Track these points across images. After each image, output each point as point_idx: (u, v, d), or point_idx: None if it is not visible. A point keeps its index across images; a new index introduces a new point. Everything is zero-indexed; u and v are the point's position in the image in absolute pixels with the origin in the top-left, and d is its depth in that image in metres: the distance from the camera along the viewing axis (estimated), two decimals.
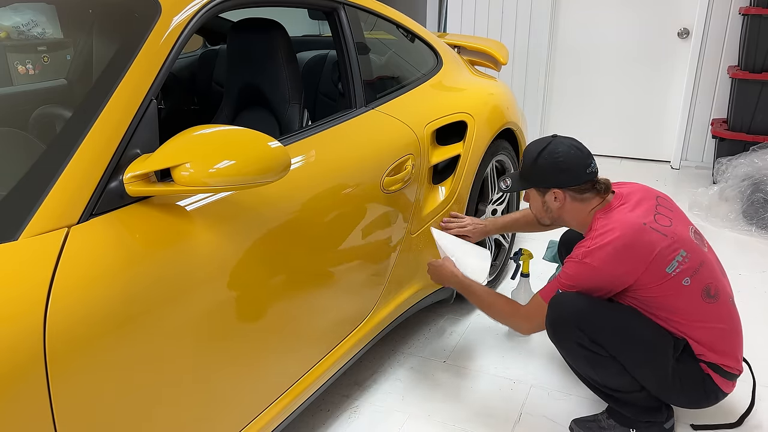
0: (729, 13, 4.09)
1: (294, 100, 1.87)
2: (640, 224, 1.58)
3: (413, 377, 2.10)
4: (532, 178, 1.74)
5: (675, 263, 1.56)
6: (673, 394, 1.66)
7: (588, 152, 1.69)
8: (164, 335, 1.17)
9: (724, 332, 1.63)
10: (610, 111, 4.67)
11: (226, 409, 1.37)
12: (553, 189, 1.70)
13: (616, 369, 1.62)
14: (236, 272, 1.32)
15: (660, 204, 1.69)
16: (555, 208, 1.74)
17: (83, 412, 1.04)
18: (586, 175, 1.67)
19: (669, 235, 1.58)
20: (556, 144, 1.69)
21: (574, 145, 1.69)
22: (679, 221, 1.66)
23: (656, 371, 1.62)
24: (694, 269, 1.58)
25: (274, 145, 1.21)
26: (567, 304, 1.63)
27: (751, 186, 3.33)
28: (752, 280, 2.77)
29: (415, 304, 2.15)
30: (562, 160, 1.66)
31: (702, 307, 1.60)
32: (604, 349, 1.61)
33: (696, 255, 1.60)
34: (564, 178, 1.68)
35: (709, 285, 1.60)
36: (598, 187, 1.69)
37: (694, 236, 1.66)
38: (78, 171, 1.10)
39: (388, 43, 2.38)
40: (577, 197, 1.70)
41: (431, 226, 2.06)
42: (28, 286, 0.97)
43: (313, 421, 1.89)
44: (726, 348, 1.63)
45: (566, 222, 1.78)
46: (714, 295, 1.61)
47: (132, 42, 1.27)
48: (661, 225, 1.60)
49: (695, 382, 1.62)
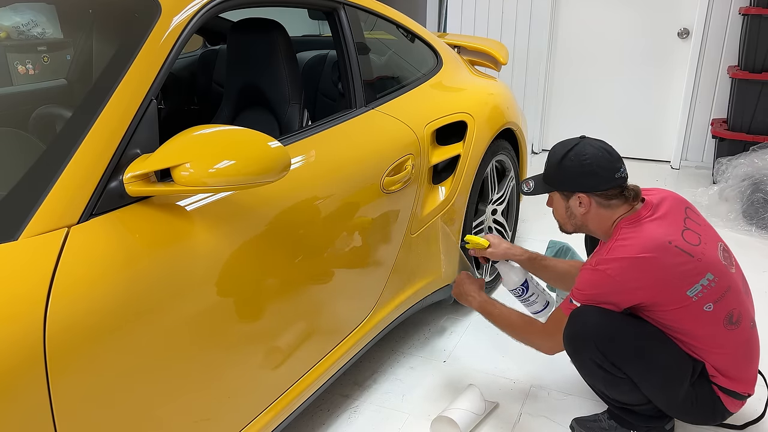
0: (729, 13, 4.09)
1: (294, 100, 1.87)
2: (665, 243, 1.48)
3: (413, 377, 2.10)
4: (557, 181, 1.63)
5: (699, 287, 1.48)
6: (683, 414, 1.64)
7: (618, 156, 1.58)
8: (164, 335, 1.17)
9: (741, 358, 1.58)
10: (610, 111, 4.67)
11: (226, 409, 1.37)
12: (578, 193, 1.59)
13: (628, 387, 1.59)
14: (236, 272, 1.32)
15: (689, 217, 1.60)
16: (579, 215, 1.63)
17: (83, 412, 1.04)
18: (614, 180, 1.55)
19: (696, 255, 1.49)
20: (584, 145, 1.58)
21: (604, 147, 1.58)
22: (709, 238, 1.57)
23: (669, 394, 1.58)
24: (719, 295, 1.50)
25: (274, 145, 1.21)
26: (588, 321, 1.53)
27: (751, 186, 3.33)
28: (752, 280, 2.74)
29: (415, 304, 2.15)
30: (589, 163, 1.55)
31: (722, 334, 1.53)
32: (621, 371, 1.55)
33: (723, 279, 1.51)
34: (590, 182, 1.56)
35: (732, 311, 1.53)
36: (626, 194, 1.57)
37: (723, 255, 1.56)
38: (78, 171, 1.10)
39: (388, 43, 2.38)
40: (603, 203, 1.58)
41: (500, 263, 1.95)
42: (28, 286, 0.97)
43: (313, 421, 1.89)
44: (739, 373, 1.59)
45: (590, 230, 1.67)
46: (736, 321, 1.54)
47: (132, 42, 1.27)
48: (688, 243, 1.50)
49: (705, 404, 1.60)
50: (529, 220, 3.36)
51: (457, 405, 1.83)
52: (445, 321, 2.44)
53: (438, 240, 2.13)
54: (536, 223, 3.30)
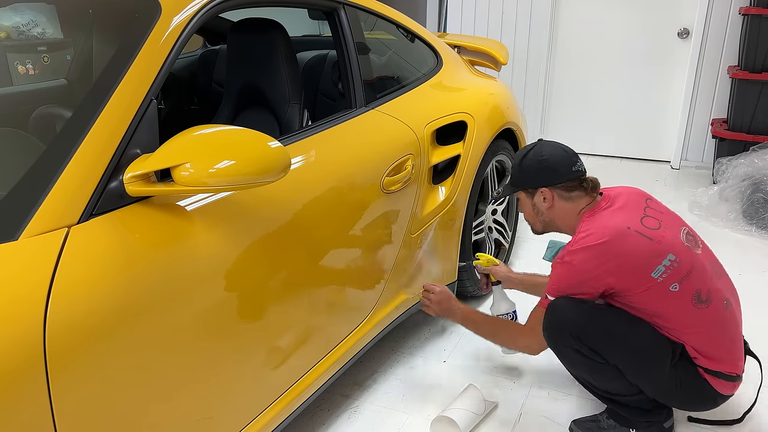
0: (729, 13, 4.09)
1: (294, 100, 1.87)
2: (624, 228, 1.56)
3: (413, 377, 2.10)
4: (520, 180, 1.76)
5: (662, 268, 1.54)
6: (671, 398, 1.66)
7: (573, 152, 1.71)
8: (164, 335, 1.17)
9: (717, 337, 1.60)
10: (610, 111, 4.67)
11: (227, 409, 1.37)
12: (541, 189, 1.71)
13: (613, 374, 1.62)
14: (236, 272, 1.32)
15: (649, 206, 1.67)
16: (545, 209, 1.74)
17: (83, 412, 1.04)
18: (572, 172, 1.67)
19: (655, 239, 1.56)
20: (541, 146, 1.72)
21: (559, 146, 1.72)
22: (670, 223, 1.64)
23: (653, 377, 1.61)
24: (683, 274, 1.55)
25: (274, 145, 1.21)
26: (562, 311, 1.62)
27: (751, 186, 3.33)
28: (752, 280, 2.77)
29: (415, 304, 2.15)
30: (546, 159, 1.69)
31: (693, 313, 1.57)
32: (601, 356, 1.60)
33: (686, 260, 1.57)
34: (550, 177, 1.69)
35: (699, 290, 1.57)
36: (585, 185, 1.69)
37: (686, 238, 1.63)
38: (78, 171, 1.10)
39: (388, 43, 2.38)
40: (564, 195, 1.70)
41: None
42: (28, 286, 0.97)
43: (313, 421, 1.89)
44: (720, 353, 1.60)
45: (557, 225, 1.76)
46: (706, 299, 1.58)
47: (132, 42, 1.27)
48: (647, 228, 1.58)
49: (693, 386, 1.61)
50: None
51: (456, 405, 1.83)
52: (445, 321, 2.44)
53: (438, 240, 2.13)
54: None
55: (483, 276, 2.22)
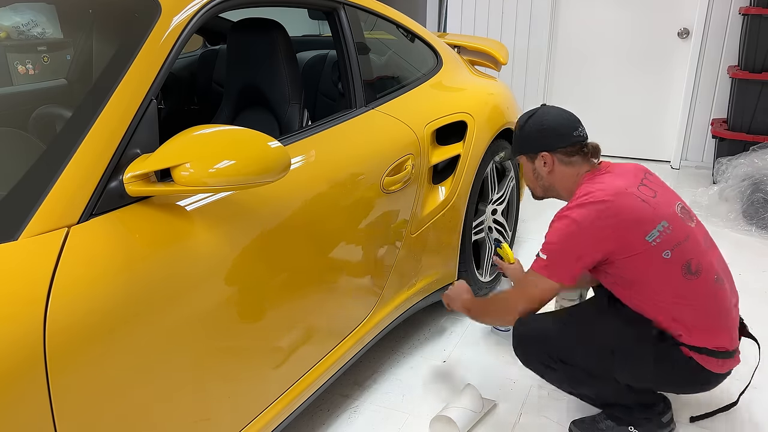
0: (729, 13, 4.09)
1: (294, 100, 1.87)
2: (623, 188, 1.58)
3: (413, 377, 2.10)
4: (521, 144, 1.77)
5: (656, 232, 1.54)
6: (660, 384, 1.65)
7: (576, 118, 1.71)
8: (164, 335, 1.17)
9: (706, 309, 1.59)
10: (610, 111, 4.67)
11: (226, 409, 1.37)
12: (541, 153, 1.71)
13: (589, 381, 1.63)
14: (236, 272, 1.32)
15: (647, 178, 1.68)
16: (545, 174, 1.74)
17: (83, 412, 1.04)
18: (573, 137, 1.68)
19: (651, 204, 1.57)
20: (543, 111, 1.74)
21: (561, 112, 1.73)
22: (665, 195, 1.65)
23: (635, 369, 1.61)
24: (676, 242, 1.55)
25: (274, 145, 1.21)
26: (528, 324, 1.67)
27: (751, 186, 3.33)
28: (752, 280, 2.77)
29: (415, 304, 2.15)
30: (548, 123, 1.70)
31: (681, 283, 1.56)
32: (569, 366, 1.62)
33: (679, 228, 1.58)
34: (551, 141, 1.69)
35: (690, 260, 1.56)
36: (585, 149, 1.69)
37: (680, 211, 1.63)
38: (78, 171, 1.10)
39: (388, 43, 2.38)
40: (564, 160, 1.70)
41: None
42: (28, 286, 0.97)
43: (313, 421, 1.89)
44: (707, 325, 1.58)
45: (557, 190, 1.76)
46: (695, 271, 1.57)
47: (132, 42, 1.27)
48: (644, 194, 1.59)
49: (679, 368, 1.60)
50: (529, 220, 3.36)
51: (455, 404, 1.83)
52: (445, 321, 2.44)
53: (438, 240, 2.13)
54: (536, 223, 3.30)
55: (498, 261, 2.23)
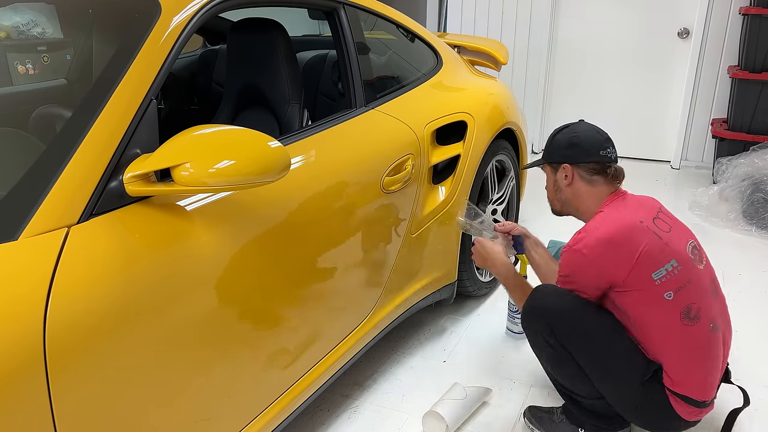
0: (729, 13, 4.09)
1: (294, 100, 1.87)
2: (637, 221, 1.56)
3: (413, 377, 2.10)
4: (548, 153, 1.77)
5: (663, 271, 1.52)
6: (631, 412, 1.62)
7: (607, 137, 1.71)
8: (164, 335, 1.17)
9: (695, 358, 1.56)
10: (610, 111, 4.67)
11: (226, 409, 1.37)
12: (564, 165, 1.71)
13: (575, 373, 1.62)
14: (236, 272, 1.32)
15: (662, 212, 1.67)
16: (564, 186, 1.73)
17: (83, 412, 1.04)
18: (598, 156, 1.67)
19: (664, 239, 1.55)
20: (579, 124, 1.75)
21: (596, 129, 1.73)
22: (679, 232, 1.62)
23: (620, 389, 1.59)
24: (680, 284, 1.53)
25: (274, 145, 1.21)
26: (545, 297, 1.64)
27: (751, 186, 3.33)
28: (752, 280, 2.77)
29: (415, 304, 2.15)
30: (576, 136, 1.70)
31: (677, 327, 1.53)
32: (567, 352, 1.60)
33: (686, 270, 1.54)
34: (576, 154, 1.69)
35: (691, 305, 1.53)
36: (608, 171, 1.68)
37: (692, 251, 1.60)
38: (78, 171, 1.10)
39: (388, 43, 2.38)
40: (585, 177, 1.69)
41: None
42: (28, 286, 0.97)
43: (313, 421, 1.89)
44: (693, 376, 1.56)
45: (574, 206, 1.75)
46: (694, 317, 1.54)
47: (132, 42, 1.27)
48: (658, 228, 1.57)
49: (655, 405, 1.58)
50: (529, 220, 3.36)
51: (444, 398, 1.88)
52: (445, 321, 2.44)
53: (438, 240, 2.13)
54: (536, 223, 3.30)
55: (502, 234, 2.04)
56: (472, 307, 2.54)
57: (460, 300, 2.54)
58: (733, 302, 2.55)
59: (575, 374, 1.62)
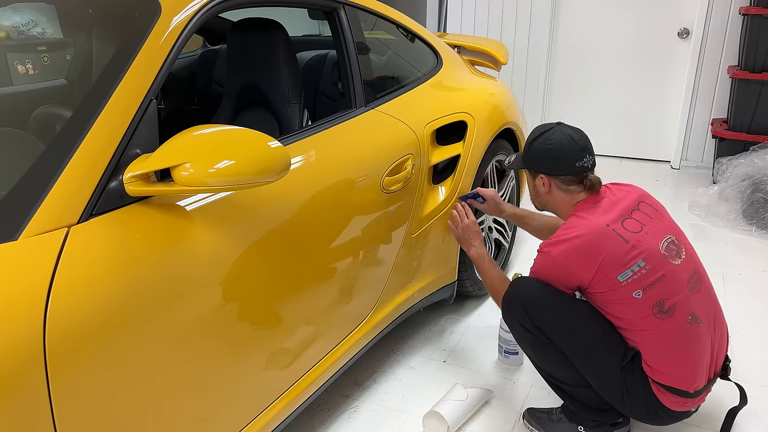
0: (729, 13, 4.09)
1: (294, 100, 1.87)
2: (603, 226, 1.57)
3: (413, 377, 2.10)
4: (526, 160, 1.79)
5: (629, 272, 1.54)
6: (616, 399, 1.63)
7: (583, 146, 1.68)
8: (164, 335, 1.17)
9: (671, 348, 1.56)
10: (610, 111, 4.67)
11: (226, 409, 1.37)
12: (541, 174, 1.74)
13: (556, 357, 1.64)
14: (236, 272, 1.32)
15: (639, 209, 1.66)
16: (542, 193, 1.77)
17: (83, 412, 1.04)
18: (574, 168, 1.67)
19: (631, 241, 1.55)
20: (554, 131, 1.71)
21: (572, 136, 1.68)
22: (655, 228, 1.62)
23: (599, 373, 1.61)
24: (648, 282, 1.54)
25: (274, 145, 1.21)
26: (523, 285, 1.69)
27: (751, 186, 3.33)
28: (752, 280, 2.77)
29: (415, 304, 2.15)
30: (552, 148, 1.69)
31: (651, 321, 1.55)
32: (546, 336, 1.63)
33: (658, 267, 1.55)
34: (551, 166, 1.71)
35: (664, 300, 1.54)
36: (585, 182, 1.69)
37: (667, 248, 1.60)
38: (78, 171, 1.10)
39: (388, 43, 2.38)
40: (562, 187, 1.72)
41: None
42: (28, 286, 0.97)
43: (313, 421, 1.89)
44: (671, 366, 1.57)
45: (553, 209, 1.80)
46: (668, 310, 1.55)
47: (132, 42, 1.27)
48: (627, 230, 1.58)
49: (639, 394, 1.59)
50: None
51: (445, 398, 1.87)
52: (445, 321, 2.45)
53: (438, 240, 2.13)
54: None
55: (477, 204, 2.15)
56: (472, 307, 2.54)
57: (460, 300, 2.54)
58: (733, 302, 2.55)
59: (557, 359, 1.65)
